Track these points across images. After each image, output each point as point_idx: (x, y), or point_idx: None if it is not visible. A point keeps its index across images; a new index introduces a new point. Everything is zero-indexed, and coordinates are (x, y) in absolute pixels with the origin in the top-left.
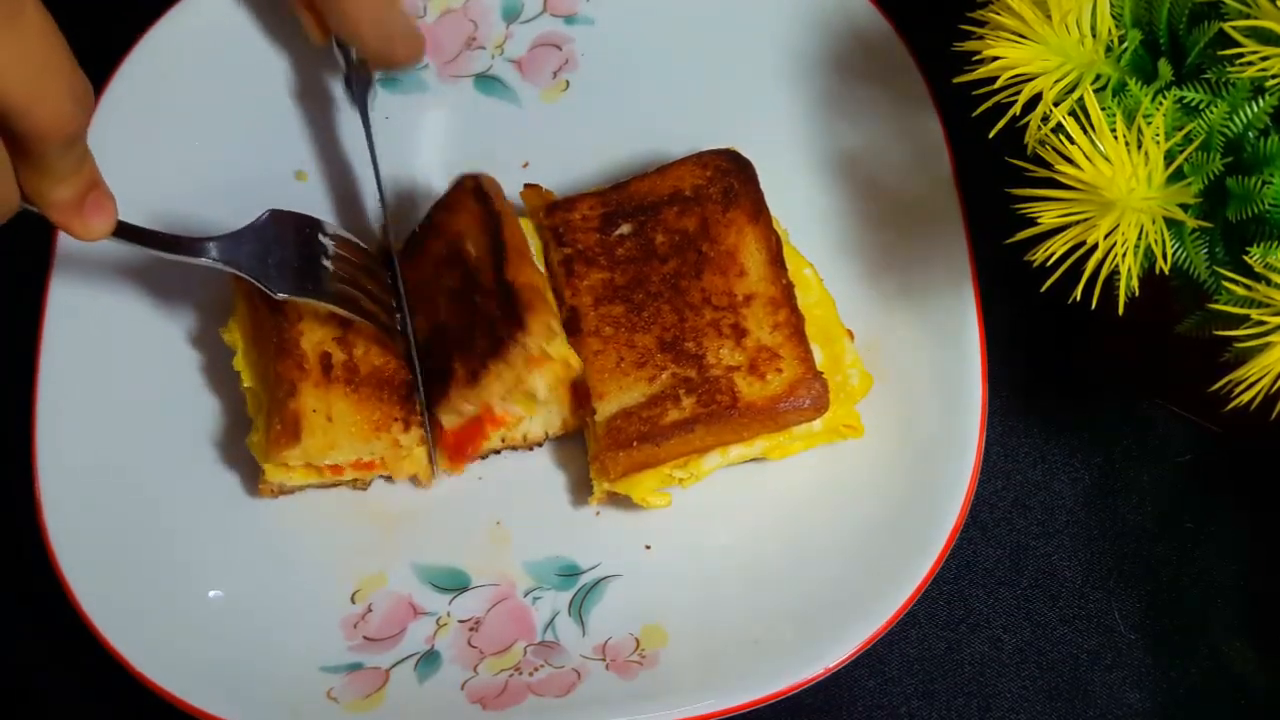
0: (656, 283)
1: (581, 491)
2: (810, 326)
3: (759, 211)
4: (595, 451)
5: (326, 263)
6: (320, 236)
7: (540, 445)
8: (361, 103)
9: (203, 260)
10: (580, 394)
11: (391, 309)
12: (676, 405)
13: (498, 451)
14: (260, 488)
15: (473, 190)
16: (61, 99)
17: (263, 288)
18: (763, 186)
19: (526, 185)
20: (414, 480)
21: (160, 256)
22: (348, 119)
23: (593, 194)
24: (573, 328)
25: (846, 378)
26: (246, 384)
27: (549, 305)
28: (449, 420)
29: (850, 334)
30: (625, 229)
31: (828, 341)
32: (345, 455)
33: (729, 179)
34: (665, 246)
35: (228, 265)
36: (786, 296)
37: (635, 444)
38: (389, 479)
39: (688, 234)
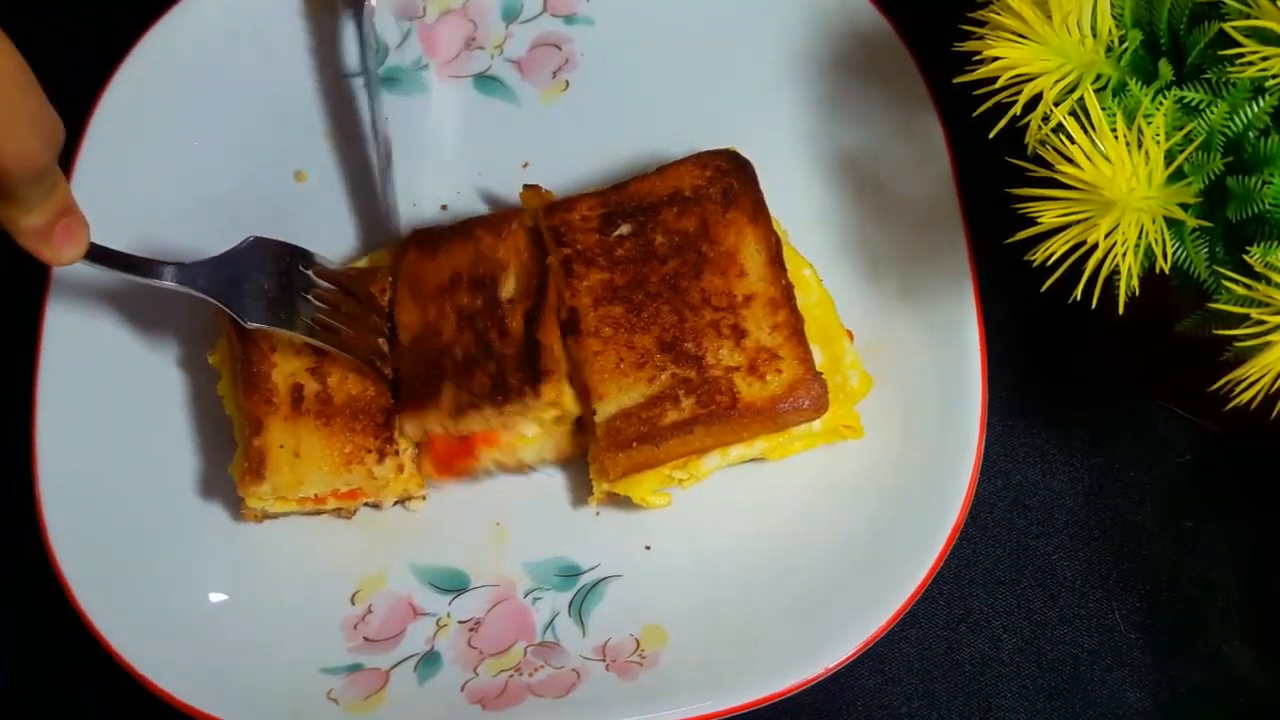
0: (656, 283)
1: (581, 491)
2: (810, 327)
3: (759, 212)
4: (595, 453)
5: (306, 295)
6: (302, 267)
7: (534, 470)
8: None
9: (169, 284)
10: (584, 427)
11: (377, 336)
12: (675, 406)
13: (490, 474)
14: (242, 513)
15: (529, 230)
16: (26, 138)
17: (233, 315)
18: (763, 186)
19: (526, 186)
20: (402, 504)
21: (133, 280)
22: (347, 119)
23: (592, 194)
24: (572, 328)
25: (846, 378)
26: (228, 410)
27: (562, 372)
28: (412, 432)
29: (850, 334)
30: (625, 229)
31: (827, 342)
32: (316, 489)
33: (728, 179)
34: (665, 247)
35: (197, 290)
36: (786, 297)
37: (634, 445)
38: (376, 506)
39: (687, 234)
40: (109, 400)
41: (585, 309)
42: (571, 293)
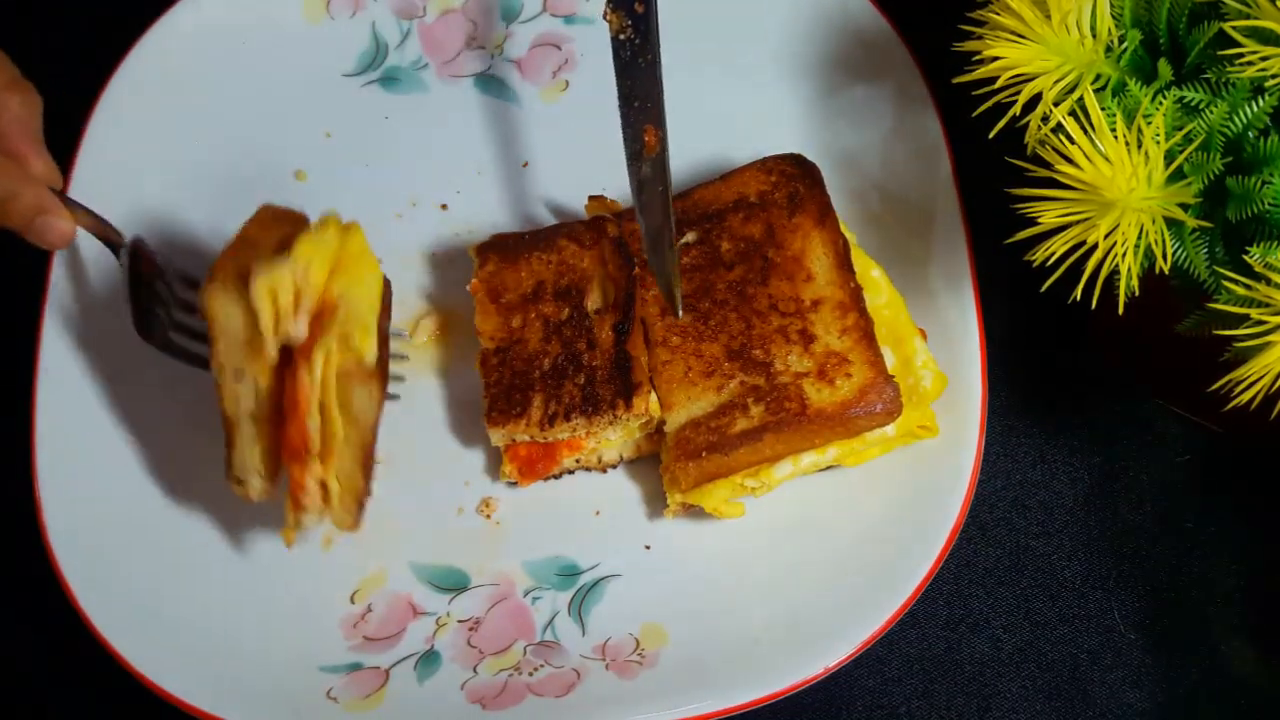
0: (723, 290)
1: (580, 490)
2: (880, 329)
3: (825, 215)
4: (666, 462)
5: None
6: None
7: (615, 468)
8: None
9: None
10: (659, 425)
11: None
12: (744, 414)
13: (571, 472)
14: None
15: (614, 240)
16: None
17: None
18: None
19: (591, 197)
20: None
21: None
22: (347, 118)
23: None
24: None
25: (919, 379)
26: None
27: (649, 384)
28: (497, 439)
29: (922, 334)
30: (690, 237)
31: (898, 343)
32: None
33: (794, 184)
34: (731, 254)
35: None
36: (855, 300)
37: (704, 454)
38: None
39: (753, 240)
40: (109, 400)
41: (653, 319)
42: (639, 303)
